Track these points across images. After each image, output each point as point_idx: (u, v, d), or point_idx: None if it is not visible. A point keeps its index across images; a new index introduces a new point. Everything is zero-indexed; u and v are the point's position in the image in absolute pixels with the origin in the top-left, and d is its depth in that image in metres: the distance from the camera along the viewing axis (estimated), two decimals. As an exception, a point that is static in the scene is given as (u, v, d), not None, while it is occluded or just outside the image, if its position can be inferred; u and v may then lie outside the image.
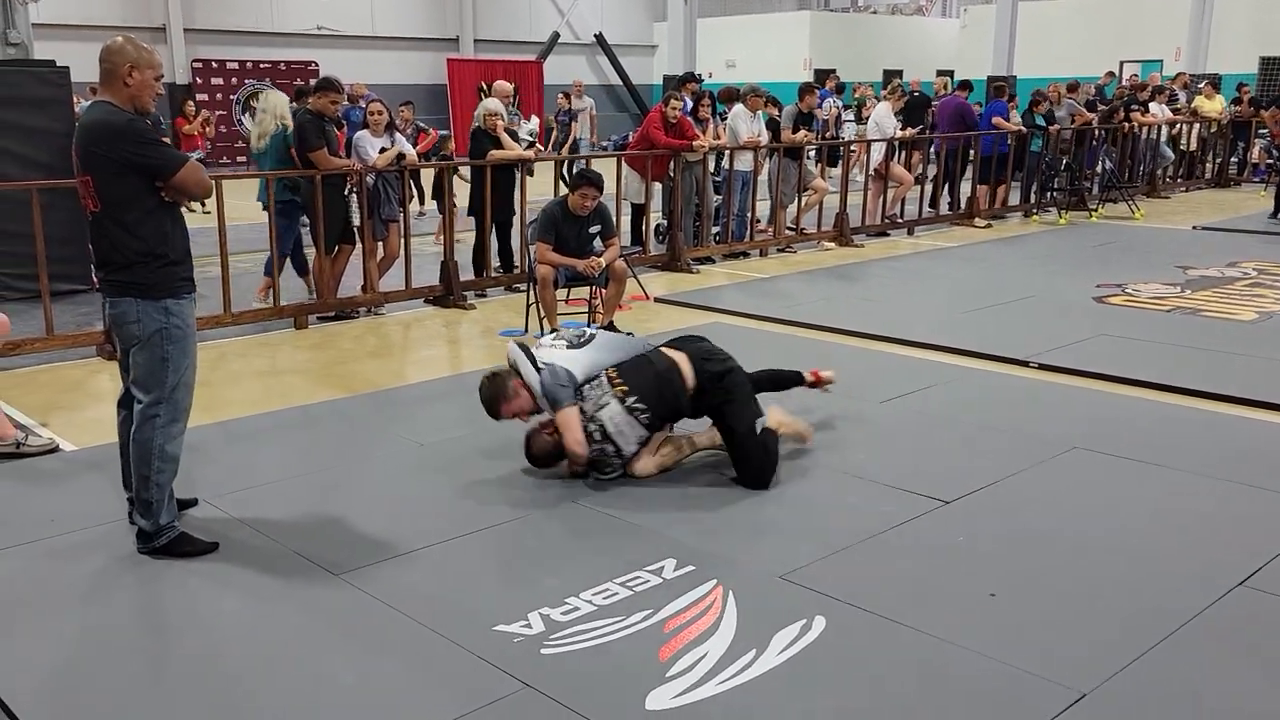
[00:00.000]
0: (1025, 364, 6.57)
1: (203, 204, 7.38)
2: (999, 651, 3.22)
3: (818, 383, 5.36)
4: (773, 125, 11.29)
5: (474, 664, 3.16)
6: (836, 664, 3.18)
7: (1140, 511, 4.32)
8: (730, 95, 11.47)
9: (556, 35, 27.61)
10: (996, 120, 13.26)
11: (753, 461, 4.55)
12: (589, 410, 4.53)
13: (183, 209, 3.98)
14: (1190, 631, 3.36)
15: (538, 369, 4.60)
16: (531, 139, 9.21)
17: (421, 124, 14.38)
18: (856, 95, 21.04)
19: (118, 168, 3.73)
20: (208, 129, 16.26)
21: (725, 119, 11.01)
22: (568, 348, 4.71)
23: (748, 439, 4.57)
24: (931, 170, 13.32)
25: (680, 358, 4.66)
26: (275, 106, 8.02)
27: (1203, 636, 3.34)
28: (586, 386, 4.62)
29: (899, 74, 23.84)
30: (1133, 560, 3.88)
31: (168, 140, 3.96)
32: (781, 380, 5.27)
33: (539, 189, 9.85)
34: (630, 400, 4.50)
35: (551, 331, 4.88)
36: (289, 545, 3.97)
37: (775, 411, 4.92)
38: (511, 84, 9.96)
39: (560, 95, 16.85)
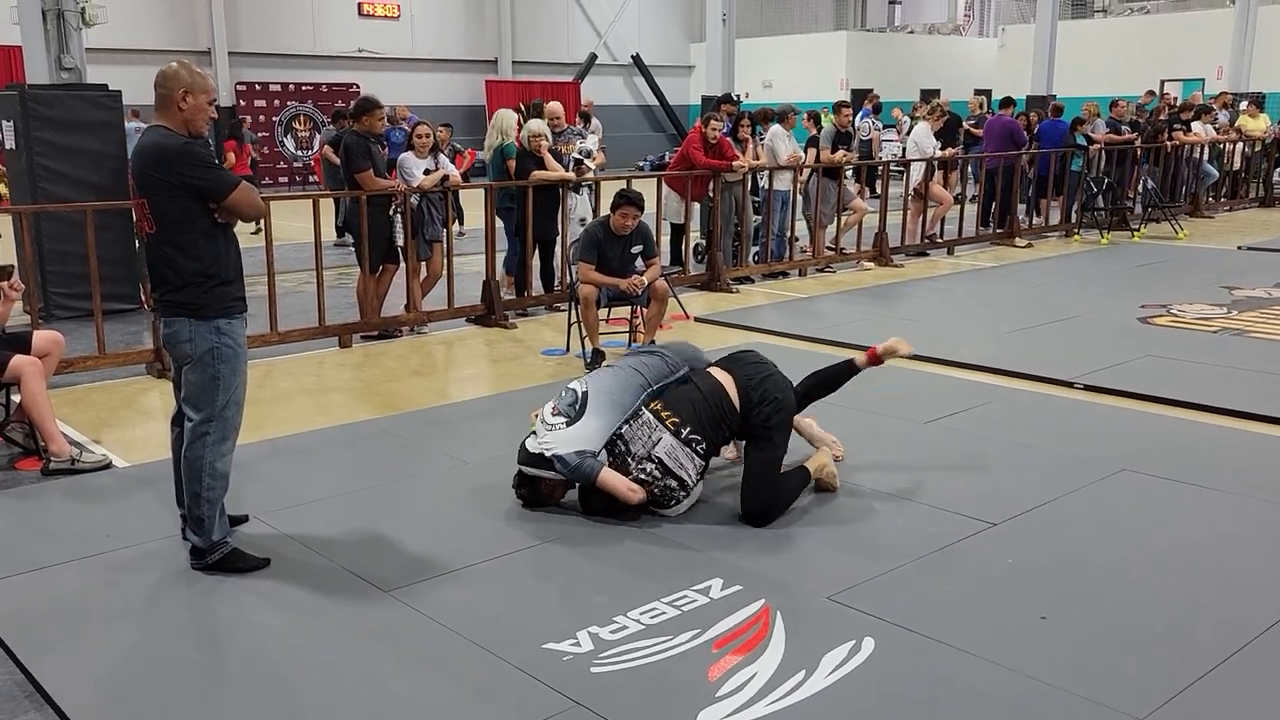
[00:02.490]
0: (1070, 385, 6.52)
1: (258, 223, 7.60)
2: (1051, 675, 3.20)
3: (878, 359, 4.91)
4: (812, 143, 11.31)
5: (524, 681, 3.18)
6: (887, 686, 3.16)
7: (1192, 534, 4.28)
8: (764, 116, 11.49)
9: (594, 56, 27.81)
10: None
11: (762, 495, 4.35)
12: (641, 451, 4.35)
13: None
14: (1246, 657, 3.31)
15: (550, 464, 4.36)
16: (582, 157, 9.23)
17: (458, 145, 14.55)
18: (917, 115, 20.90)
19: (173, 190, 3.80)
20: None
21: (761, 139, 11.04)
22: (567, 425, 4.39)
23: (762, 471, 4.38)
24: (972, 190, 13.28)
25: (726, 380, 4.53)
26: (499, 123, 8.96)
27: (1258, 662, 3.29)
28: (629, 427, 4.42)
29: (936, 93, 23.76)
30: (1186, 584, 3.84)
31: (219, 163, 4.03)
32: (835, 378, 4.93)
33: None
34: (685, 432, 4.37)
35: (550, 403, 4.59)
36: (339, 562, 4.02)
37: (821, 455, 4.76)
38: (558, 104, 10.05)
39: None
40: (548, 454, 4.36)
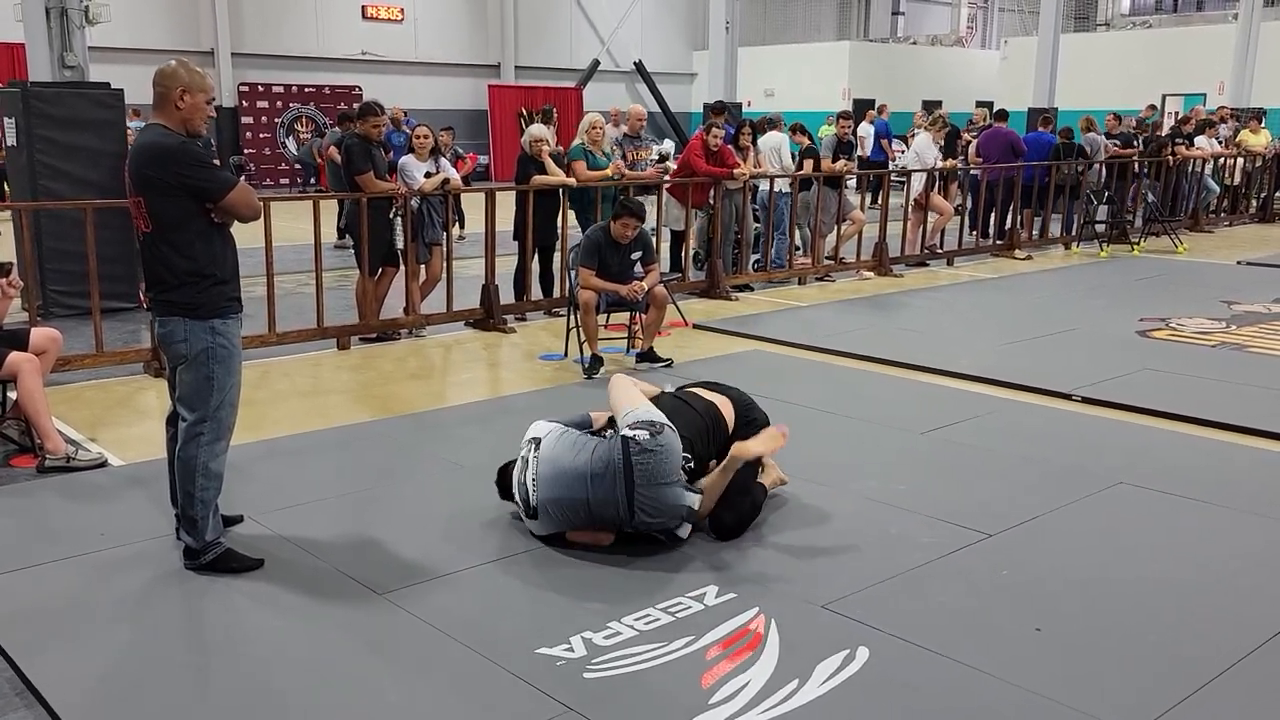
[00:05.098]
0: (1068, 397, 6.52)
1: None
2: (1045, 687, 3.19)
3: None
4: (809, 153, 11.30)
5: (517, 686, 3.17)
6: (880, 696, 3.15)
7: (1189, 548, 4.27)
8: (759, 126, 11.48)
9: (596, 63, 27.83)
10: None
11: (742, 510, 4.31)
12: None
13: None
14: (1241, 671, 3.30)
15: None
16: (662, 158, 9.23)
17: (460, 150, 14.54)
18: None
19: (170, 189, 3.79)
20: None
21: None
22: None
23: (740, 490, 4.33)
24: (971, 201, 13.30)
25: (722, 401, 4.55)
26: (582, 125, 9.37)
27: (1254, 676, 3.28)
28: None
29: (938, 104, 23.79)
30: (1182, 598, 3.83)
31: (218, 163, 4.02)
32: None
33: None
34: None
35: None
36: (332, 563, 4.01)
37: (771, 470, 4.69)
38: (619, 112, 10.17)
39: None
40: (532, 501, 4.18)
